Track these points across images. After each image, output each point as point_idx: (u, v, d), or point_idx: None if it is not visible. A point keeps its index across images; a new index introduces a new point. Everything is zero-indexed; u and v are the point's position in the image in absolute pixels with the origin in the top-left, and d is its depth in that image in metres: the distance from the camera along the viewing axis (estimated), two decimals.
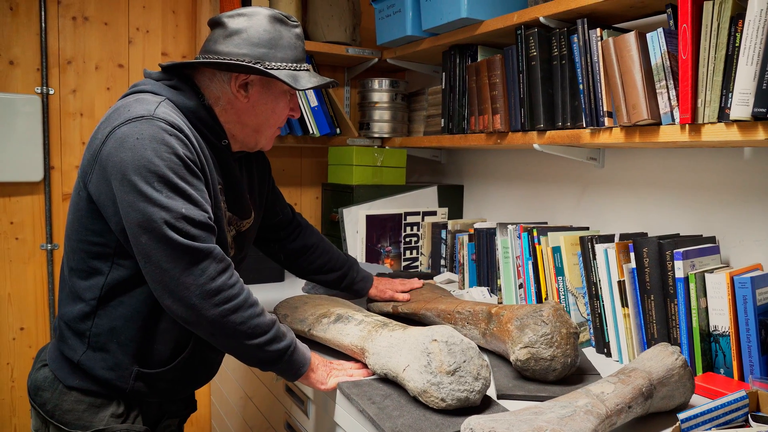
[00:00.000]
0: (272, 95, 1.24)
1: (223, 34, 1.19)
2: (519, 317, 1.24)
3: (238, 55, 1.17)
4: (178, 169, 1.05)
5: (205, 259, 1.05)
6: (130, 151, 1.03)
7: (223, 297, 1.06)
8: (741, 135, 1.13)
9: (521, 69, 1.63)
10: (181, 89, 1.18)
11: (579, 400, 0.96)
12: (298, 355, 1.17)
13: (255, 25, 1.18)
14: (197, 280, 1.04)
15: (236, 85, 1.20)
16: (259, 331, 1.10)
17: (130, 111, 1.07)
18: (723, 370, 1.24)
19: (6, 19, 1.98)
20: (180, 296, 1.04)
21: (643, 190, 1.66)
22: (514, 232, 1.68)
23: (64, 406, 1.13)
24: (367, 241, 2.16)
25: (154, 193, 1.02)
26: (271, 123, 1.27)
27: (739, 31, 1.11)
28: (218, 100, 1.21)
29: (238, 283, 1.10)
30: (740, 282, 1.20)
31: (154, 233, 1.02)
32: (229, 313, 1.07)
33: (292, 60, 1.21)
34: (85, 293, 1.12)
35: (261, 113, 1.24)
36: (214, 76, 1.20)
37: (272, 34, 1.19)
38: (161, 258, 1.02)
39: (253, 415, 1.84)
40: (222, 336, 1.08)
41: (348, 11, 2.32)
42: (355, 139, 2.35)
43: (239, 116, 1.23)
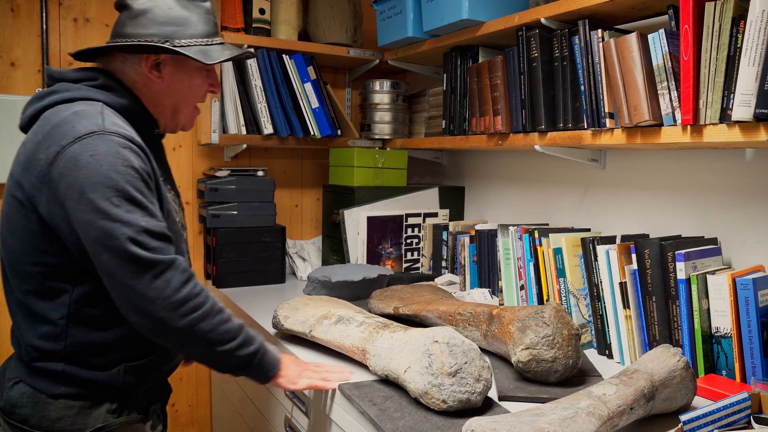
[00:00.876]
0: (186, 73, 1.22)
1: (129, 15, 1.17)
2: (520, 319, 1.24)
3: (145, 35, 1.15)
4: (134, 181, 1.04)
5: (168, 271, 1.04)
6: (85, 169, 1.00)
7: (190, 306, 1.05)
8: (743, 136, 1.13)
9: (522, 70, 1.63)
10: (110, 87, 1.15)
11: (581, 401, 0.95)
12: (268, 358, 1.17)
13: (160, 4, 1.16)
14: (162, 292, 1.03)
15: (148, 66, 1.18)
16: (229, 336, 1.10)
17: (75, 128, 1.04)
18: (725, 372, 1.23)
19: (7, 21, 1.98)
20: (146, 310, 1.03)
21: (644, 192, 1.65)
22: (516, 234, 1.67)
23: (52, 416, 1.10)
24: (368, 242, 2.16)
25: (113, 209, 1.00)
26: (188, 101, 1.25)
27: (740, 32, 1.11)
28: (135, 84, 1.19)
29: (203, 291, 1.09)
30: (742, 283, 1.19)
31: (116, 250, 1.00)
32: (198, 322, 1.06)
33: (201, 35, 1.19)
34: (50, 314, 1.09)
35: (178, 92, 1.23)
36: (126, 60, 1.18)
37: (179, 11, 1.17)
38: (125, 274, 1.01)
39: (253, 416, 1.83)
40: (192, 345, 1.08)
41: (349, 13, 2.33)
42: (356, 140, 2.35)
43: (157, 98, 1.21)
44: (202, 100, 1.29)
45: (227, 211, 2.11)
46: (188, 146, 2.29)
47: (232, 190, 2.11)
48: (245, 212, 2.13)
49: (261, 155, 2.44)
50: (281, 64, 2.17)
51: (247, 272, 2.14)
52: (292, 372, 1.21)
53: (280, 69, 2.17)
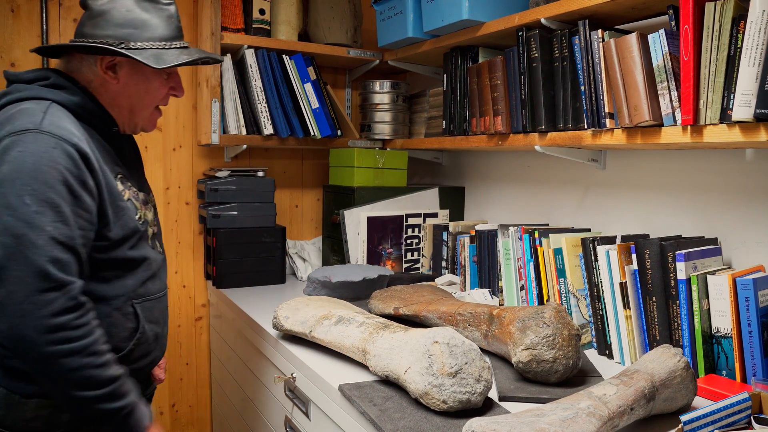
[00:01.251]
0: (143, 75, 1.21)
1: (89, 15, 1.17)
2: (520, 319, 1.24)
3: (101, 36, 1.15)
4: (55, 184, 1.02)
5: (55, 290, 0.99)
6: (10, 164, 1.00)
7: (62, 336, 0.99)
8: (743, 136, 1.13)
9: (522, 70, 1.63)
10: (61, 86, 1.15)
11: (581, 402, 0.95)
12: (133, 420, 1.09)
13: (118, 6, 1.16)
14: (39, 310, 0.98)
15: (103, 67, 1.18)
16: (92, 383, 1.03)
17: (13, 124, 1.04)
18: (725, 372, 1.23)
19: (7, 21, 1.98)
20: (15, 322, 0.97)
21: (645, 192, 1.65)
22: (516, 234, 1.67)
23: (27, 416, 1.09)
24: (369, 242, 2.16)
25: (22, 207, 0.98)
26: (146, 104, 1.24)
27: (740, 32, 1.11)
28: (90, 83, 1.19)
29: (87, 326, 1.03)
30: (742, 284, 1.19)
31: (11, 249, 0.97)
32: (63, 356, 1.00)
33: (160, 39, 1.18)
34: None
35: (134, 94, 1.22)
36: (83, 60, 1.18)
37: (137, 14, 1.17)
38: (10, 276, 0.97)
39: (254, 417, 1.83)
40: (47, 377, 1.02)
41: (349, 13, 2.33)
42: (357, 140, 2.35)
43: (113, 98, 1.21)
44: (164, 103, 1.28)
45: (227, 211, 2.11)
46: (188, 146, 2.29)
47: (232, 190, 2.11)
48: (245, 212, 2.13)
49: (261, 156, 2.44)
50: (281, 65, 2.17)
51: (247, 272, 2.14)
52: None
53: (280, 69, 2.17)
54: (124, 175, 1.22)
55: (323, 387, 1.29)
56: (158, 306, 1.28)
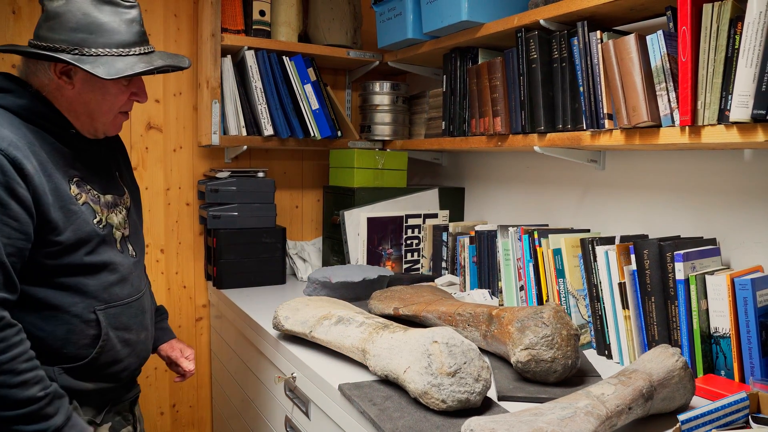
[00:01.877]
0: (99, 82, 1.16)
1: (45, 17, 1.12)
2: (519, 319, 1.24)
3: (55, 40, 1.10)
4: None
5: None
6: None
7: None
8: (741, 137, 1.14)
9: (522, 71, 1.64)
10: (7, 89, 1.12)
11: (579, 401, 0.96)
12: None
13: (74, 9, 1.11)
14: None
15: (57, 72, 1.14)
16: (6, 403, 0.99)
17: None
18: (724, 372, 1.24)
19: (8, 23, 1.99)
20: None
21: (644, 192, 1.66)
22: (515, 235, 1.68)
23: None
24: (369, 243, 2.17)
25: None
26: (104, 109, 1.19)
27: (738, 33, 1.12)
28: (45, 87, 1.15)
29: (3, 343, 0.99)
30: (740, 284, 1.20)
31: None
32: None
33: (117, 44, 1.12)
34: None
35: (90, 100, 1.17)
36: (37, 63, 1.14)
37: (92, 18, 1.11)
38: None
39: (254, 417, 1.84)
40: None
41: (349, 14, 2.33)
42: (357, 141, 2.36)
43: (69, 104, 1.17)
44: (126, 108, 1.24)
45: (228, 212, 2.11)
46: (189, 147, 2.30)
47: (232, 191, 2.12)
48: (246, 213, 2.14)
49: (261, 156, 2.45)
50: (281, 66, 2.18)
51: (248, 273, 2.15)
52: None
53: (281, 70, 2.18)
54: (82, 178, 1.18)
55: (323, 387, 1.30)
56: (128, 311, 1.24)
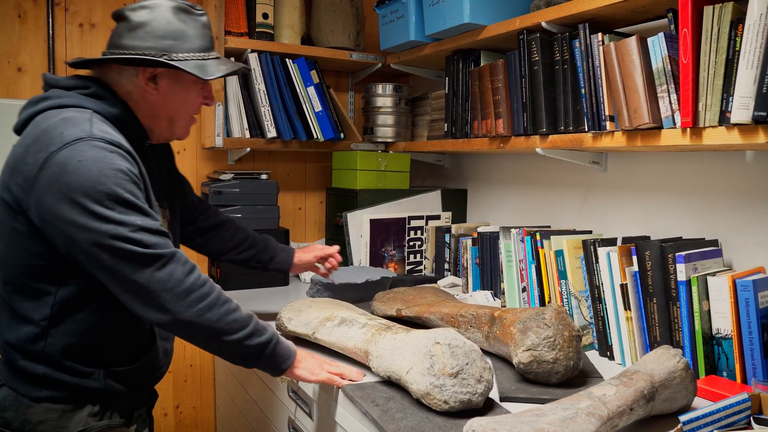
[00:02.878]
0: (182, 86, 1.23)
1: (127, 27, 1.18)
2: (522, 320, 1.25)
3: (143, 48, 1.16)
4: (124, 183, 1.05)
5: (170, 263, 1.06)
6: (74, 175, 1.01)
7: (196, 296, 1.07)
8: (742, 138, 1.14)
9: (524, 74, 1.64)
10: (101, 96, 1.16)
11: (581, 402, 0.96)
12: (281, 348, 1.17)
13: (158, 17, 1.17)
14: (166, 284, 1.04)
15: (144, 79, 1.19)
16: (237, 326, 1.11)
17: (63, 134, 1.04)
18: (726, 373, 1.24)
19: (14, 27, 2.00)
20: (153, 303, 1.04)
21: (646, 194, 1.66)
22: (517, 236, 1.68)
23: (34, 419, 1.11)
24: (371, 245, 2.17)
25: (106, 212, 1.01)
26: (183, 113, 1.27)
27: (739, 35, 1.12)
28: (130, 95, 1.20)
29: (208, 282, 1.11)
30: (742, 285, 1.20)
31: (115, 250, 1.01)
32: (205, 312, 1.07)
33: (198, 49, 1.20)
34: (32, 314, 1.10)
35: (173, 104, 1.24)
36: (122, 71, 1.19)
37: (177, 25, 1.18)
38: (127, 271, 1.03)
39: (257, 418, 1.85)
40: (201, 336, 1.09)
41: (352, 17, 2.34)
42: (359, 143, 2.37)
43: (152, 109, 1.23)
44: (197, 111, 1.31)
45: (231, 213, 2.12)
46: (192, 150, 2.31)
47: (235, 193, 2.13)
48: (249, 215, 2.14)
49: (264, 158, 2.46)
50: (284, 68, 2.19)
51: (251, 275, 2.15)
52: (311, 364, 1.21)
53: (284, 73, 2.19)
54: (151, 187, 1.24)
55: (326, 388, 1.31)
56: None
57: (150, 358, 1.23)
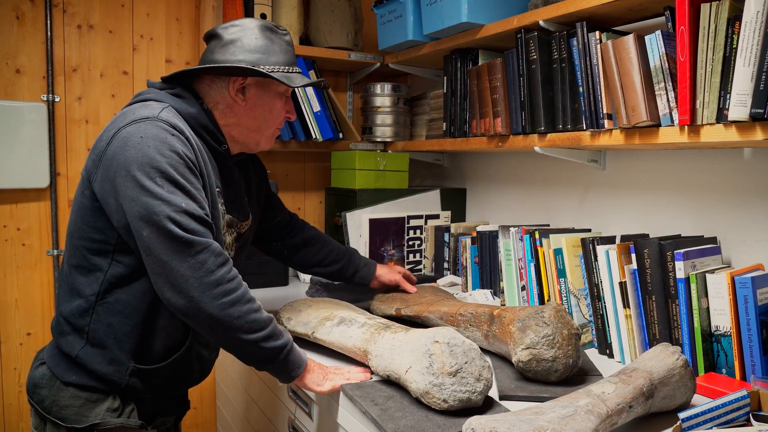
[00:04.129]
0: (268, 97, 1.31)
1: (220, 44, 1.27)
2: (521, 319, 1.25)
3: (234, 61, 1.25)
4: (178, 166, 1.10)
5: (203, 252, 1.08)
6: (134, 149, 1.08)
7: (222, 290, 1.08)
8: (739, 136, 1.14)
9: (522, 72, 1.64)
10: (183, 97, 1.24)
11: (580, 400, 0.96)
12: (294, 356, 1.19)
13: (248, 35, 1.27)
14: (196, 272, 1.07)
15: (234, 89, 1.27)
16: (257, 326, 1.12)
17: (134, 114, 1.13)
18: (725, 370, 1.24)
19: (12, 29, 2.00)
20: (180, 288, 1.06)
21: (644, 192, 1.66)
22: (517, 235, 1.68)
23: (62, 402, 1.16)
24: (371, 244, 2.17)
25: (156, 188, 1.06)
26: (269, 123, 1.34)
27: (736, 32, 1.12)
28: (217, 105, 1.28)
29: (237, 277, 1.13)
30: (741, 282, 1.20)
31: (156, 226, 1.05)
32: (228, 306, 1.09)
33: (283, 63, 1.29)
34: (84, 289, 1.15)
35: (259, 114, 1.31)
36: (213, 82, 1.28)
37: (264, 41, 1.27)
38: (162, 250, 1.06)
39: (257, 419, 1.85)
40: (220, 330, 1.10)
41: (350, 17, 2.34)
42: (358, 143, 2.37)
43: (238, 119, 1.30)
44: (281, 124, 1.38)
45: None
46: None
47: None
48: None
49: (264, 158, 2.46)
50: None
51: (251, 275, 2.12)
52: (317, 375, 1.23)
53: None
54: (220, 191, 1.28)
55: None
56: None
57: (181, 357, 1.23)
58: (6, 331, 2.08)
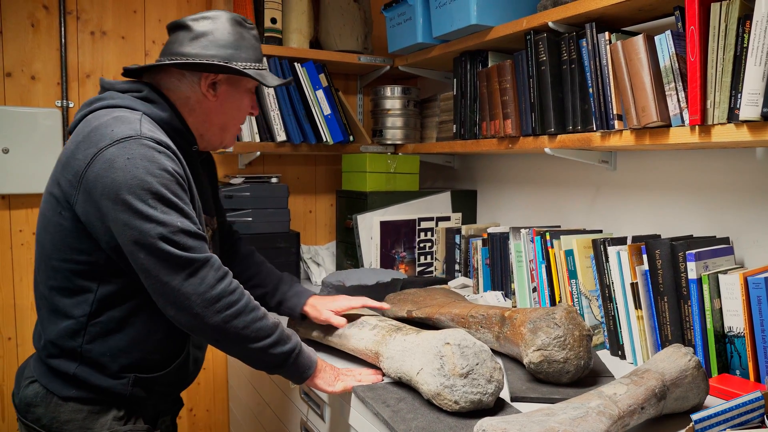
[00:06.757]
0: (238, 93, 1.29)
1: (189, 36, 1.22)
2: (532, 320, 1.25)
3: (207, 56, 1.21)
4: (169, 184, 1.08)
5: (203, 268, 1.08)
6: (121, 171, 1.04)
7: (225, 303, 1.09)
8: (751, 135, 1.13)
9: (531, 74, 1.64)
10: (153, 100, 1.20)
11: (591, 401, 0.96)
12: (303, 358, 1.19)
13: (220, 28, 1.23)
14: (197, 288, 1.06)
15: (206, 85, 1.24)
16: (263, 334, 1.13)
17: (114, 131, 1.08)
18: (739, 372, 1.23)
19: (28, 36, 2.04)
20: (182, 306, 1.06)
21: (656, 192, 1.66)
22: (527, 236, 1.68)
23: (62, 418, 1.14)
24: (382, 247, 2.18)
25: (149, 210, 1.04)
26: (236, 121, 1.32)
27: (746, 31, 1.12)
28: (187, 101, 1.24)
29: (238, 288, 1.12)
30: (754, 282, 1.19)
31: (151, 249, 1.04)
32: (232, 319, 1.09)
33: (254, 60, 1.26)
34: (72, 310, 1.13)
35: (228, 111, 1.29)
36: (183, 77, 1.24)
37: (236, 35, 1.24)
38: (161, 272, 1.05)
39: (270, 420, 1.86)
40: (227, 342, 1.11)
41: (359, 20, 2.35)
42: (369, 146, 2.38)
43: (207, 115, 1.27)
44: (244, 121, 1.36)
45: (242, 217, 2.14)
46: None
47: (246, 196, 2.15)
48: (260, 218, 2.16)
49: (275, 162, 2.48)
50: (293, 72, 2.20)
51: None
52: (329, 375, 1.24)
53: (292, 77, 2.20)
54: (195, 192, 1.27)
55: None
56: None
57: (180, 364, 1.24)
58: (22, 334, 2.11)
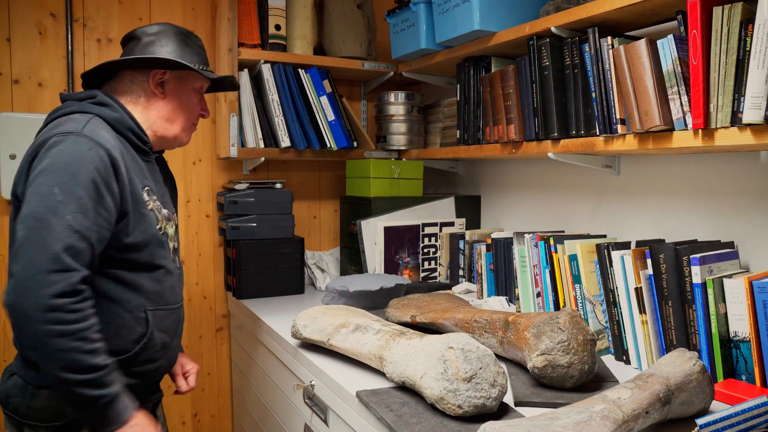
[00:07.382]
0: (185, 91, 1.40)
1: (139, 44, 1.35)
2: (536, 325, 1.25)
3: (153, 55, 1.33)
4: (85, 181, 1.12)
5: (62, 273, 1.07)
6: (50, 158, 1.13)
7: (56, 317, 1.06)
8: (755, 139, 1.13)
9: (534, 79, 1.65)
10: (105, 103, 1.29)
11: (595, 405, 0.96)
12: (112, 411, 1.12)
13: (166, 36, 1.36)
14: (42, 289, 1.05)
15: (154, 83, 1.34)
16: (77, 367, 1.08)
17: (59, 128, 1.18)
18: (745, 377, 1.22)
19: (35, 44, 2.06)
20: (19, 292, 1.06)
21: (660, 197, 1.65)
22: (531, 241, 1.68)
23: (37, 405, 1.19)
24: (386, 252, 2.18)
25: (50, 195, 1.09)
26: (185, 117, 1.41)
27: (749, 35, 1.12)
28: (139, 99, 1.35)
29: (81, 313, 1.09)
30: (759, 286, 1.19)
31: (34, 229, 1.07)
32: (53, 336, 1.06)
33: (199, 63, 1.39)
34: None
35: (176, 108, 1.38)
36: (134, 77, 1.35)
37: (180, 44, 1.37)
38: (25, 254, 1.06)
39: (274, 425, 1.86)
40: (38, 352, 1.08)
41: (363, 27, 2.37)
42: (372, 151, 2.38)
43: (158, 112, 1.36)
44: (196, 120, 1.45)
45: (247, 223, 2.15)
46: (208, 160, 2.34)
47: (251, 202, 2.15)
48: (264, 224, 2.17)
49: (279, 168, 2.48)
50: (297, 79, 2.22)
51: (267, 283, 2.17)
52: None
53: (296, 83, 2.21)
54: (151, 189, 1.32)
55: (341, 394, 1.31)
56: (171, 317, 1.35)
57: (144, 347, 1.26)
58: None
